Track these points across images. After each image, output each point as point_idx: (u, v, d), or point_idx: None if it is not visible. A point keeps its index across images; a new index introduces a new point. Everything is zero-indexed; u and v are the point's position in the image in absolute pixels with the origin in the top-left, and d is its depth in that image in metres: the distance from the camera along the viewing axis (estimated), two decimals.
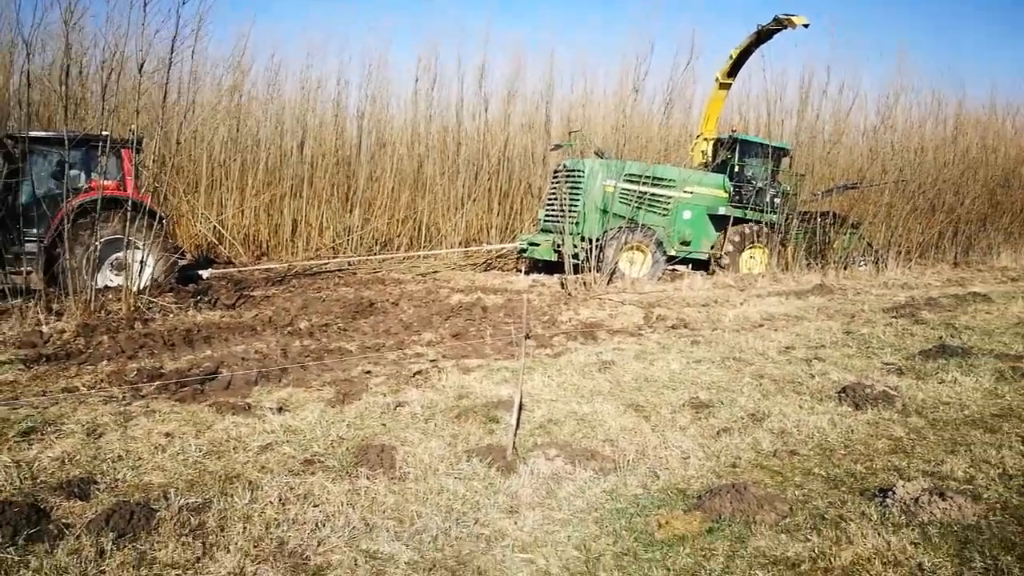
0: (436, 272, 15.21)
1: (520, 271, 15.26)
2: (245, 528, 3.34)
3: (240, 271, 13.38)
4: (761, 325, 9.08)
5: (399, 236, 16.84)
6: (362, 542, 3.28)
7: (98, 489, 3.70)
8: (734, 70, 15.37)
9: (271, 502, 3.58)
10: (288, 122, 18.17)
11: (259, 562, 3.08)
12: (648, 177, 13.91)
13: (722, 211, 14.52)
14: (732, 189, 14.74)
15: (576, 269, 12.66)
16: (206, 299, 10.09)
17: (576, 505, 3.70)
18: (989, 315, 9.74)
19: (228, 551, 3.14)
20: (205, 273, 12.14)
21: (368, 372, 6.41)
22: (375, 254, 16.63)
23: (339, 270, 14.75)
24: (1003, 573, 3.02)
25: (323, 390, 5.75)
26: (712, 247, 14.84)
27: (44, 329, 7.63)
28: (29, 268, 9.36)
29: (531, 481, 3.89)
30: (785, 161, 15.47)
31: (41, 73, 12.57)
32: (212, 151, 16.83)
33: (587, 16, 46.96)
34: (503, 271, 15.34)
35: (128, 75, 9.15)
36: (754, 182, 14.91)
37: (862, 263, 15.73)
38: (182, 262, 11.49)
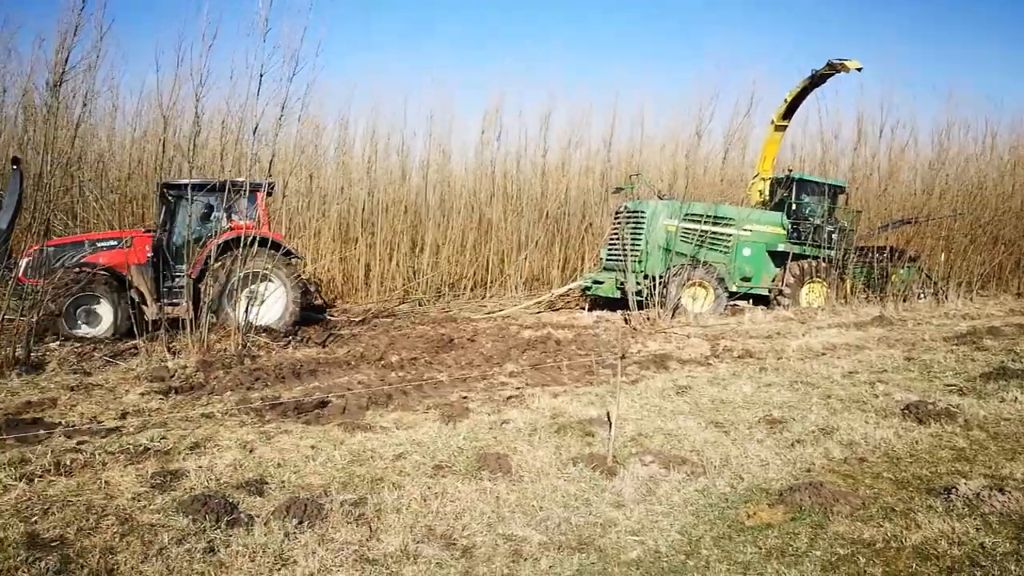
0: (503, 310, 15.95)
1: (584, 309, 15.89)
2: (399, 518, 4.01)
3: (328, 314, 14.31)
4: (824, 354, 9.51)
5: (466, 278, 17.66)
6: (498, 528, 3.92)
7: (270, 488, 4.42)
8: (789, 112, 15.96)
9: (415, 499, 4.25)
10: (357, 172, 19.29)
11: (417, 542, 3.74)
12: (709, 216, 14.49)
13: (781, 247, 14.97)
14: (790, 226, 15.20)
15: (640, 306, 13.24)
16: (298, 338, 10.96)
17: (674, 501, 4.29)
18: None
19: (390, 534, 3.81)
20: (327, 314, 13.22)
21: (465, 397, 7.09)
22: (442, 296, 17.49)
23: (412, 311, 15.59)
24: None
25: (428, 413, 6.43)
26: (772, 282, 15.26)
27: (169, 365, 8.52)
28: (177, 301, 10.83)
29: (632, 482, 4.48)
30: (841, 198, 15.90)
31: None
32: (289, 202, 17.98)
33: (641, 69, 48.27)
34: (567, 309, 15.97)
35: (245, 137, 10.29)
36: (812, 219, 15.35)
37: (921, 295, 15.93)
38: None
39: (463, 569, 3.50)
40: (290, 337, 10.89)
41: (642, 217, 14.63)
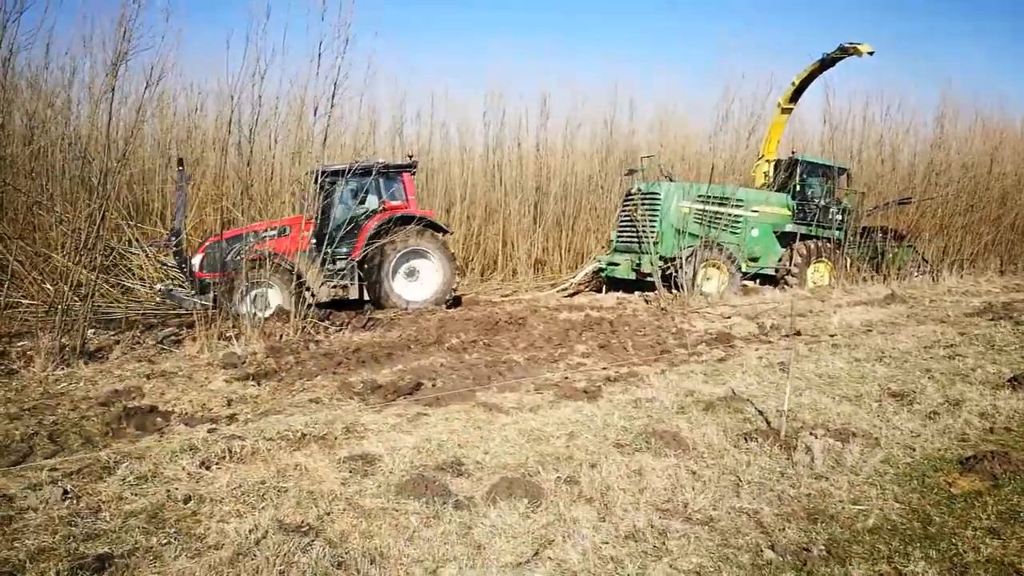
0: (516, 293, 15.97)
1: (594, 291, 16.04)
2: (622, 495, 4.03)
3: None
4: (869, 330, 9.82)
5: (472, 260, 17.58)
6: (722, 502, 3.98)
7: (468, 469, 4.39)
8: (796, 96, 16.30)
9: (620, 476, 4.27)
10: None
11: (660, 518, 3.77)
12: (721, 198, 14.75)
13: (789, 228, 15.35)
14: (796, 207, 15.59)
15: (663, 286, 13.46)
16: (337, 324, 10.77)
17: (866, 471, 4.41)
18: None
19: (625, 511, 3.84)
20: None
21: (567, 377, 7.12)
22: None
23: None
24: None
25: (543, 393, 6.44)
26: (779, 262, 15.65)
27: (238, 352, 8.30)
28: (344, 283, 11.75)
29: (817, 454, 4.59)
30: (843, 179, 16.35)
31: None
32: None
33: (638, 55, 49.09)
34: (581, 291, 16.09)
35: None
36: (816, 200, 15.77)
37: (916, 275, 16.55)
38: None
39: (720, 541, 3.55)
40: (324, 322, 10.70)
41: (657, 199, 14.82)
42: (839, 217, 15.80)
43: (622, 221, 15.94)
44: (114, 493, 3.96)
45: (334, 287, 11.69)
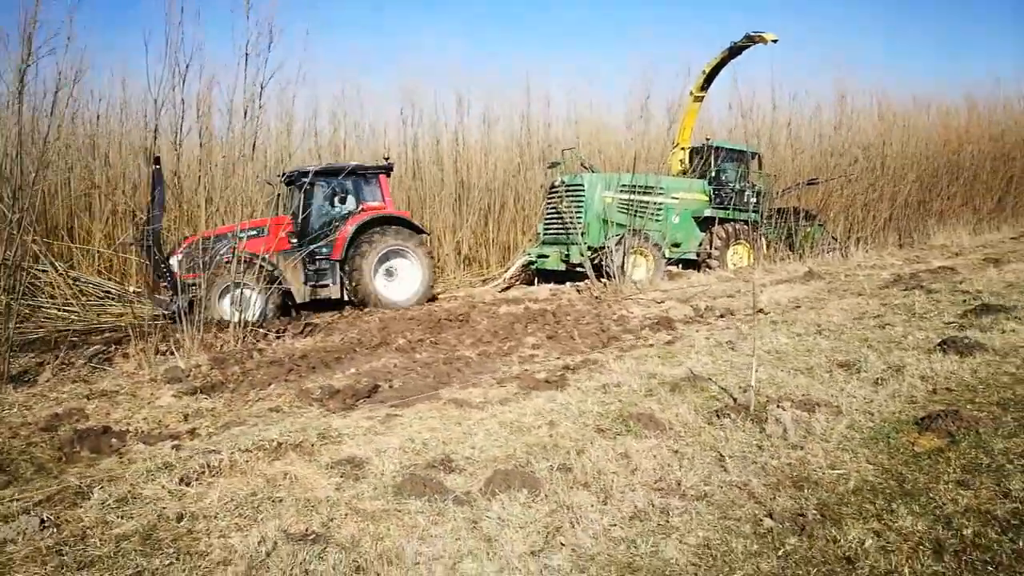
0: (448, 290, 15.94)
1: (530, 284, 16.18)
2: (614, 477, 4.13)
3: None
4: (799, 306, 10.29)
5: None
6: (712, 478, 4.13)
7: (459, 465, 4.40)
8: (707, 84, 16.86)
9: (609, 460, 4.37)
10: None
11: (660, 498, 3.88)
12: (643, 187, 15.13)
13: (708, 213, 15.89)
14: (712, 193, 16.16)
15: (594, 275, 13.72)
16: (275, 331, 10.50)
17: (835, 437, 4.67)
18: (977, 282, 11.30)
19: (624, 493, 3.94)
20: None
21: (526, 369, 7.19)
22: None
23: None
24: None
25: (506, 386, 6.49)
26: (699, 246, 16.19)
27: (181, 365, 7.99)
28: (325, 283, 12.10)
29: (788, 425, 4.82)
30: (755, 163, 17.04)
31: None
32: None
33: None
34: (513, 285, 16.19)
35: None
36: (731, 185, 16.39)
37: (827, 251, 17.43)
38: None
39: (720, 514, 3.70)
40: (261, 329, 10.42)
41: (581, 190, 15.08)
42: (754, 200, 16.45)
43: (548, 213, 16.14)
44: (96, 518, 3.78)
45: (315, 287, 12.13)
